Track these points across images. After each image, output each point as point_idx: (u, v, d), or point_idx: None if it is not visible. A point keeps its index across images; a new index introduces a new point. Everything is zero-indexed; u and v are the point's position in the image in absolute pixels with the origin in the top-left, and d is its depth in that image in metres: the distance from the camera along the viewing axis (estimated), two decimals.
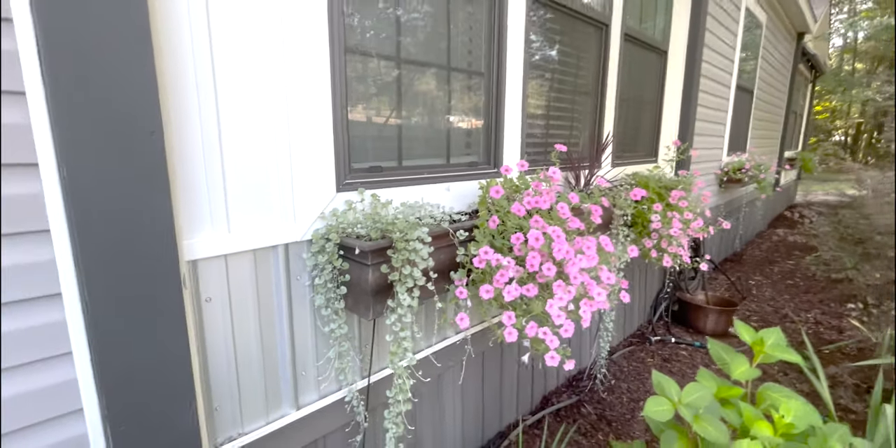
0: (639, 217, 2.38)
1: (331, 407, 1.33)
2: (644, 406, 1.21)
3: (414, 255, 1.15)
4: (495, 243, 1.43)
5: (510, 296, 1.31)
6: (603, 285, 1.48)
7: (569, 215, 1.48)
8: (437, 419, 1.76)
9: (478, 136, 1.83)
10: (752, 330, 1.43)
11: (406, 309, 1.15)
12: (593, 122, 2.52)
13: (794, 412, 1.18)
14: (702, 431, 1.15)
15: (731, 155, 5.04)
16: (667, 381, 1.29)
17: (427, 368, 1.62)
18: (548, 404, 2.36)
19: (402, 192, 1.48)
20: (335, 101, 1.24)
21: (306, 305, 1.24)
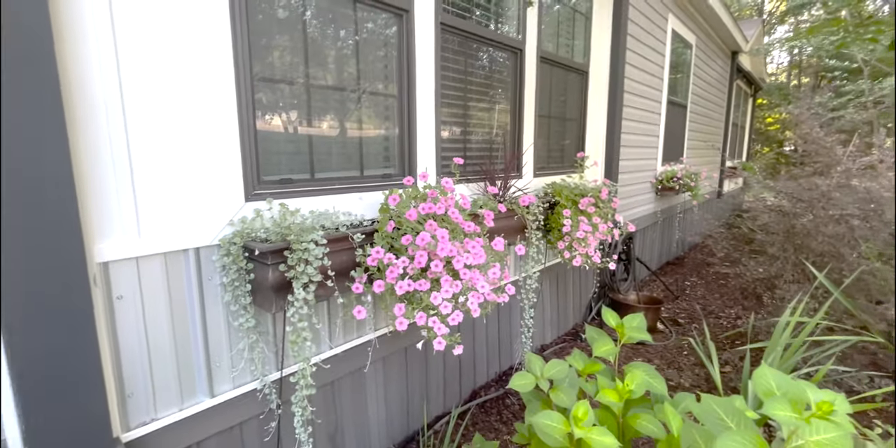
0: (553, 222, 2.62)
1: (245, 396, 1.48)
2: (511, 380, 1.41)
3: (308, 254, 1.33)
4: (394, 245, 1.62)
5: (401, 290, 1.50)
6: (490, 280, 1.69)
7: (461, 220, 1.68)
8: (360, 409, 1.91)
9: (393, 150, 2.03)
10: (617, 316, 1.66)
11: (302, 302, 1.32)
12: (512, 137, 2.77)
13: (636, 381, 1.40)
14: (556, 399, 1.36)
15: (666, 165, 5.41)
16: (535, 359, 1.50)
17: (346, 361, 1.78)
18: (476, 397, 2.54)
19: (314, 201, 1.66)
20: (242, 123, 1.42)
21: (218, 302, 1.39)
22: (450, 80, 2.25)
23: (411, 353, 2.14)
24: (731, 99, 8.49)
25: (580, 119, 3.51)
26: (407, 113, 2.00)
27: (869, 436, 2.05)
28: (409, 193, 1.69)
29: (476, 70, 2.44)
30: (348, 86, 1.80)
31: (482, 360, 2.65)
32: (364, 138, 1.90)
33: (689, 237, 6.46)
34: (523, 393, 1.48)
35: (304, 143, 1.69)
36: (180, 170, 1.29)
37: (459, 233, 1.67)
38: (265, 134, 1.55)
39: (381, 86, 1.93)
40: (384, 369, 2.01)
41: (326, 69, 1.74)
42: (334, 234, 1.48)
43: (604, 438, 1.15)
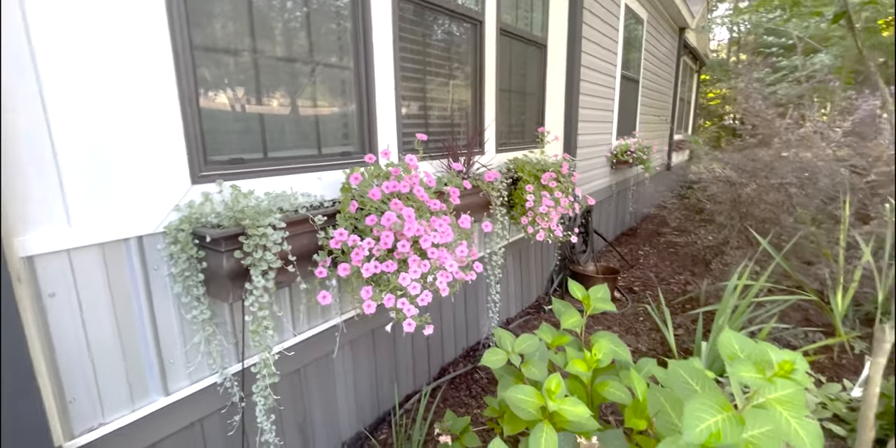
0: (516, 197, 2.62)
1: (204, 391, 1.40)
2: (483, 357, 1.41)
3: (265, 239, 1.25)
4: (358, 226, 1.55)
5: (368, 272, 1.44)
6: (458, 258, 1.67)
7: (426, 198, 1.63)
8: (328, 394, 1.87)
9: (353, 127, 1.93)
10: (584, 289, 1.68)
11: (261, 290, 1.24)
12: (474, 112, 2.71)
13: (603, 351, 1.43)
14: (528, 373, 1.37)
15: (620, 139, 5.54)
16: (506, 334, 1.50)
17: (312, 347, 1.73)
18: (445, 374, 2.56)
19: (269, 182, 1.56)
20: (183, 96, 1.29)
21: (167, 295, 1.29)
22: (409, 53, 2.14)
23: (379, 335, 2.11)
24: (679, 74, 8.75)
25: (540, 94, 3.50)
26: (365, 87, 1.89)
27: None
28: (372, 172, 1.62)
29: (436, 43, 2.35)
30: (300, 58, 1.67)
31: (450, 337, 2.66)
32: (321, 114, 1.79)
33: (642, 209, 6.73)
34: (495, 369, 1.49)
35: (255, 120, 1.57)
36: (113, 150, 1.16)
37: (425, 211, 1.63)
38: (211, 110, 1.42)
39: (335, 58, 1.81)
40: (352, 353, 1.97)
41: (276, 41, 1.60)
42: (293, 216, 1.39)
43: (576, 409, 1.18)
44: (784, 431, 0.81)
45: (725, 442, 0.86)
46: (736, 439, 0.86)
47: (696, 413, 0.89)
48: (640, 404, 1.34)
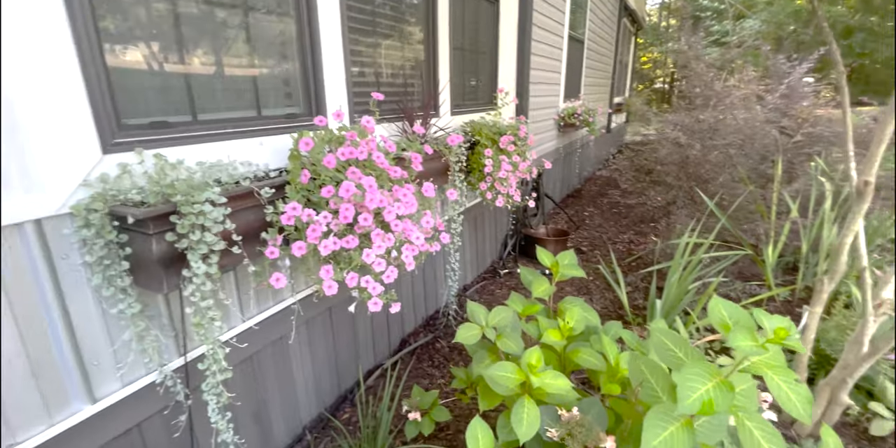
0: (474, 162, 2.52)
1: (141, 392, 1.22)
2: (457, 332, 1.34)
3: (203, 218, 1.06)
4: (312, 198, 1.39)
5: (326, 250, 1.30)
6: (424, 230, 1.56)
7: (387, 165, 1.49)
8: (285, 379, 1.75)
9: (297, 85, 1.70)
10: (551, 255, 1.64)
11: (203, 277, 1.07)
12: (428, 73, 2.52)
13: (575, 318, 1.41)
14: (503, 346, 1.32)
15: (567, 101, 5.53)
16: (478, 308, 1.44)
17: (264, 332, 1.58)
18: (406, 346, 2.51)
19: (201, 150, 1.33)
20: (83, 53, 1.03)
21: (83, 287, 1.08)
22: (358, 2, 1.90)
23: (337, 313, 1.99)
24: (619, 36, 8.80)
25: (493, 54, 3.33)
26: (310, 39, 1.66)
27: None
28: (323, 136, 1.44)
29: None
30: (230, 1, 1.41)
31: (409, 308, 2.59)
32: (259, 70, 1.55)
33: (586, 171, 6.89)
34: (469, 346, 1.44)
35: (180, 77, 1.32)
36: None
37: (386, 180, 1.49)
38: (123, 68, 1.16)
39: (274, 3, 1.55)
40: (308, 333, 1.84)
41: None
42: (235, 189, 1.21)
43: (557, 382, 1.15)
44: (776, 397, 0.82)
45: (717, 409, 0.86)
46: (727, 405, 0.85)
47: (687, 383, 0.88)
48: (614, 370, 1.35)
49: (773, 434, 0.91)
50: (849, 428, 1.92)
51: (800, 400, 0.80)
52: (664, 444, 0.93)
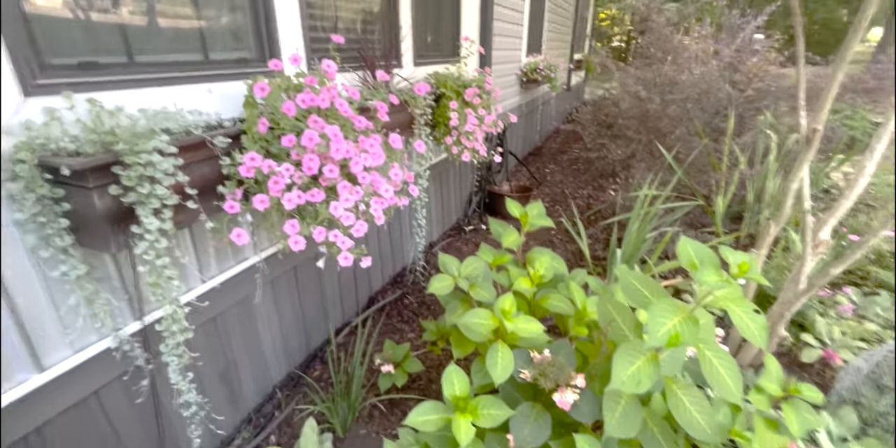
0: (440, 116, 2.44)
1: (95, 359, 1.16)
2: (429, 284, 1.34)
3: (152, 169, 0.97)
4: (271, 150, 1.30)
5: (291, 204, 1.24)
6: (393, 182, 1.51)
7: (350, 113, 1.40)
8: (252, 339, 1.72)
9: (248, 25, 1.55)
10: (520, 205, 1.65)
11: (156, 234, 1.00)
12: (389, 18, 2.36)
13: (544, 266, 1.44)
14: (476, 296, 1.34)
15: (529, 56, 5.41)
16: (450, 260, 1.44)
17: (227, 292, 1.53)
18: (374, 303, 2.52)
19: (142, 95, 1.21)
20: None
21: (16, 248, 0.98)
22: None
23: (302, 271, 1.94)
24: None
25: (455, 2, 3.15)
26: None
27: None
28: (279, 84, 1.32)
29: None
30: None
31: (376, 266, 2.58)
32: (204, 9, 1.39)
33: (547, 128, 6.90)
34: (441, 296, 1.45)
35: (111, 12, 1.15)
36: None
37: (350, 130, 1.41)
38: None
39: None
40: (273, 293, 1.80)
41: None
42: (186, 139, 1.10)
43: (530, 326, 1.19)
44: (737, 326, 0.88)
45: (683, 341, 0.91)
46: (692, 338, 0.91)
47: (657, 319, 0.92)
48: (581, 313, 1.40)
49: (729, 361, 0.99)
50: (783, 357, 2.13)
51: (757, 328, 0.86)
52: (632, 378, 0.99)
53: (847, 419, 1.65)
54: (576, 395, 1.10)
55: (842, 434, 1.62)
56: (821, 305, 2.28)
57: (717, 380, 0.95)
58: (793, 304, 1.79)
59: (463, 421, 1.09)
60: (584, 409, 1.12)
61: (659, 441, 1.16)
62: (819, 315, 2.20)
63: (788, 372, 2.02)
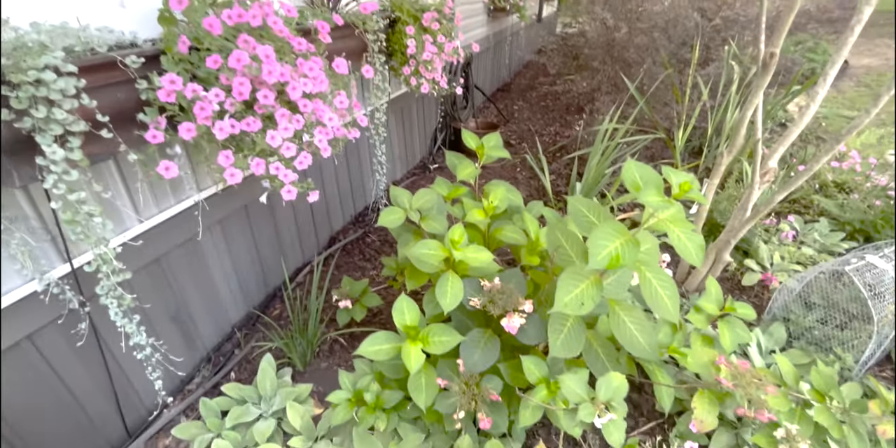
0: (396, 43, 2.26)
1: (22, 303, 1.09)
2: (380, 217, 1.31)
3: (47, 90, 0.85)
4: (198, 74, 1.17)
5: (223, 133, 1.14)
6: (338, 111, 1.41)
7: (288, 34, 1.26)
8: (204, 281, 1.68)
9: None
10: (476, 137, 1.59)
11: (63, 165, 0.90)
12: None
13: (499, 198, 1.42)
14: (427, 227, 1.32)
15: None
16: (402, 192, 1.39)
17: (169, 232, 1.45)
18: (335, 242, 2.49)
19: (33, 6, 1.03)
20: None
21: None
22: None
23: (254, 210, 1.87)
24: None
25: None
26: None
27: None
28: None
29: None
30: None
31: (335, 205, 2.51)
32: None
33: (516, 63, 6.61)
34: (393, 228, 1.42)
35: None
36: None
37: (288, 52, 1.28)
38: None
39: None
40: (223, 233, 1.73)
41: None
42: (91, 58, 0.97)
43: (480, 255, 1.18)
44: (675, 246, 0.89)
45: (624, 263, 0.92)
46: (633, 260, 0.92)
47: (598, 241, 0.92)
48: (534, 244, 1.41)
49: (669, 283, 1.02)
50: (727, 281, 2.26)
51: (694, 247, 0.88)
52: (575, 300, 1.02)
53: (777, 334, 1.80)
54: (522, 319, 1.13)
55: (770, 347, 1.77)
56: (766, 233, 2.39)
57: (656, 301, 0.98)
58: (738, 231, 1.86)
59: (413, 348, 1.11)
60: (531, 333, 1.16)
61: (602, 360, 1.23)
62: (763, 242, 2.32)
63: (731, 294, 2.17)
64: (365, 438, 1.20)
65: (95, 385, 1.33)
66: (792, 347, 1.78)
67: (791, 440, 1.14)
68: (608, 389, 0.91)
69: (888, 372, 1.79)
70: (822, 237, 2.34)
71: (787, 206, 2.69)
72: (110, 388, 1.36)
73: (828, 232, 2.37)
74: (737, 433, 1.42)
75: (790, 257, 2.24)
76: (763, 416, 1.06)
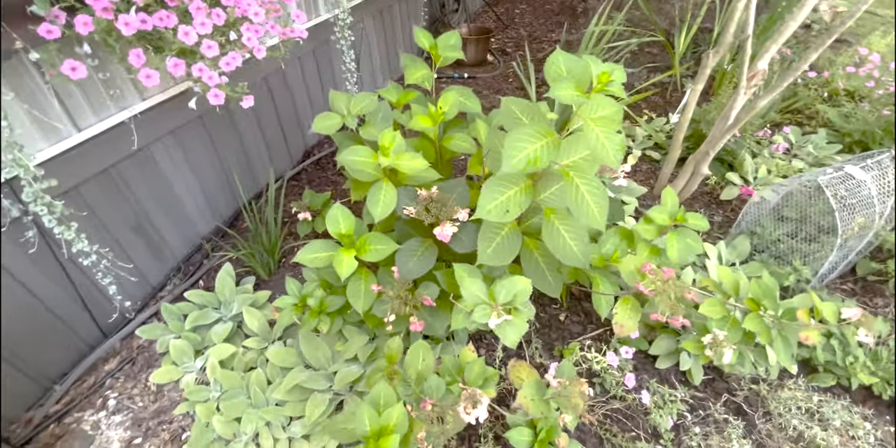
0: None
1: None
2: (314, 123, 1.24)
3: None
4: None
5: (130, 28, 1.04)
6: (266, 4, 1.27)
7: None
8: (165, 193, 1.67)
9: None
10: (430, 36, 1.44)
11: None
12: None
13: (449, 103, 1.33)
14: (366, 135, 1.25)
15: None
16: (340, 96, 1.31)
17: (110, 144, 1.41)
18: (309, 157, 2.44)
19: None
20: None
21: None
22: None
23: (212, 122, 1.79)
24: None
25: None
26: None
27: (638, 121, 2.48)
28: None
29: None
30: None
31: (307, 117, 2.41)
32: None
33: None
34: (334, 134, 1.36)
35: None
36: None
37: None
38: None
39: None
40: (179, 144, 1.68)
41: None
42: None
43: (413, 162, 1.13)
44: (592, 146, 0.82)
45: (542, 165, 0.87)
46: (551, 160, 0.86)
47: (516, 143, 0.86)
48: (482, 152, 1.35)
49: (599, 190, 0.97)
50: (705, 195, 2.20)
51: (613, 148, 0.81)
52: (500, 207, 0.98)
53: (740, 247, 1.78)
54: (455, 228, 1.12)
55: (732, 260, 1.77)
56: (757, 146, 2.26)
57: (582, 207, 0.94)
58: (719, 141, 1.75)
59: (345, 256, 1.12)
60: (465, 241, 1.16)
61: (542, 268, 1.24)
62: (752, 155, 2.21)
63: (705, 209, 2.12)
64: (310, 339, 1.27)
65: (63, 291, 1.40)
66: (754, 261, 1.78)
67: (717, 345, 1.18)
68: (508, 293, 0.92)
69: (849, 284, 1.79)
70: (817, 150, 2.21)
71: (789, 116, 2.51)
72: (76, 294, 1.43)
73: (824, 144, 2.23)
74: (678, 340, 1.47)
75: (777, 171, 2.14)
76: (677, 322, 1.08)
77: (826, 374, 1.40)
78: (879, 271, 1.71)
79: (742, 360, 1.32)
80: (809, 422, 1.30)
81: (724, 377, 1.44)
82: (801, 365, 1.49)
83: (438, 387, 0.97)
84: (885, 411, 1.36)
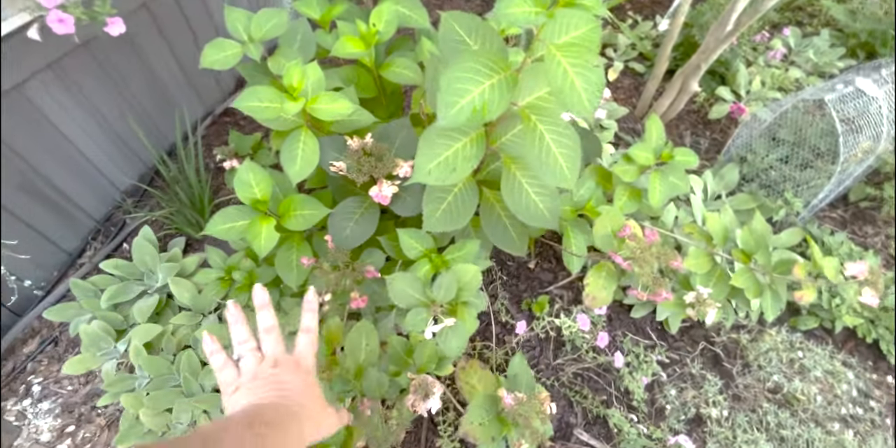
0: None
1: None
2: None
3: None
4: None
5: None
6: None
7: None
8: (54, 142, 1.38)
9: None
10: None
11: None
12: None
13: (384, 17, 1.03)
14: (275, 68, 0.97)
15: None
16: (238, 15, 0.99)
17: None
18: (243, 86, 2.08)
19: None
20: None
21: None
22: None
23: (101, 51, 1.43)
24: None
25: None
26: None
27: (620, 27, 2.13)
28: None
29: None
30: None
31: None
32: None
33: None
34: (241, 68, 1.06)
35: None
36: None
37: None
38: None
39: None
40: (62, 81, 1.35)
41: None
42: None
43: (333, 106, 0.88)
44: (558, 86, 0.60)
45: (493, 115, 0.64)
46: (504, 108, 0.64)
47: (456, 84, 0.62)
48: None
49: (571, 140, 0.75)
50: (693, 114, 1.98)
51: (587, 88, 0.59)
52: (445, 166, 0.77)
53: (728, 177, 1.62)
54: (394, 187, 0.91)
55: (718, 191, 1.62)
56: (752, 52, 1.99)
57: (547, 161, 0.73)
58: (713, 51, 1.49)
59: (264, 227, 0.91)
60: (410, 202, 0.95)
61: (505, 224, 1.06)
62: (745, 64, 1.94)
63: (691, 131, 1.91)
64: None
65: None
66: (742, 191, 1.63)
67: (701, 304, 1.06)
68: (450, 289, 0.74)
69: (839, 212, 1.68)
70: (817, 55, 1.95)
71: (789, 15, 2.19)
72: None
73: (826, 48, 1.97)
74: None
75: (772, 82, 1.90)
76: (660, 298, 0.94)
77: (809, 316, 1.34)
78: (874, 197, 1.59)
79: (725, 310, 1.23)
80: (789, 370, 1.26)
81: (702, 324, 1.37)
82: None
83: (380, 384, 0.84)
84: (867, 354, 1.33)
